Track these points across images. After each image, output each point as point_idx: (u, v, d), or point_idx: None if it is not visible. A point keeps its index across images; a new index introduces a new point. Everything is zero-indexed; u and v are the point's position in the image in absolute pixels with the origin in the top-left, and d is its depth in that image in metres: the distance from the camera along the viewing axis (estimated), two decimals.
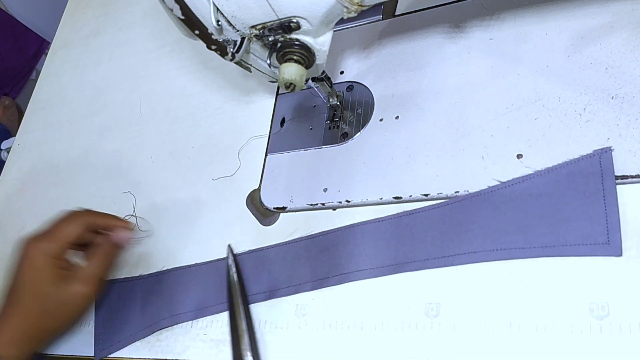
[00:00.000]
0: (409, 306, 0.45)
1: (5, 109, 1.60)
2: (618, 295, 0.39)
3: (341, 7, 0.40)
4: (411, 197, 0.48)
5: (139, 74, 0.76)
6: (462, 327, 0.42)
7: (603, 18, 0.48)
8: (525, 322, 0.40)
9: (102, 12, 0.88)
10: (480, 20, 0.54)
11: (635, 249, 0.39)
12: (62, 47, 0.88)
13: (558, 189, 0.42)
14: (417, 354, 0.43)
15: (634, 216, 0.40)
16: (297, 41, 0.43)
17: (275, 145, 0.59)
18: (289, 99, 0.61)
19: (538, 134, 0.46)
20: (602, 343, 0.38)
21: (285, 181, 0.56)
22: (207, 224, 0.58)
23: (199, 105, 0.68)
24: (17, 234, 0.72)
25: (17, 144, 0.81)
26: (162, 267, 0.57)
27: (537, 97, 0.47)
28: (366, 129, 0.54)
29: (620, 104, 0.44)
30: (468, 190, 0.46)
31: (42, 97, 0.84)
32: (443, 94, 0.52)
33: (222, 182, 0.60)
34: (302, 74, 0.44)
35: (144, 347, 0.54)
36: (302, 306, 0.49)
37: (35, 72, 1.73)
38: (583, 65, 0.47)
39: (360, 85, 0.57)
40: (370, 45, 0.59)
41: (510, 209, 0.43)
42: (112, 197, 0.67)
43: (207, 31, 0.43)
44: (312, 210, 0.53)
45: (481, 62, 0.52)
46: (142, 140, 0.69)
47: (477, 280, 0.43)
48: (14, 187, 0.77)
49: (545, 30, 0.50)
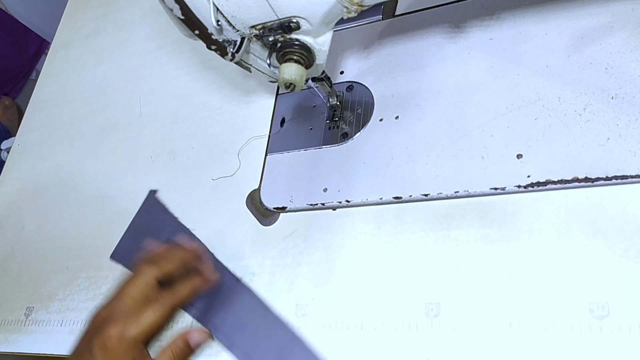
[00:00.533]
0: (409, 306, 0.45)
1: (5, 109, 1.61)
2: (618, 295, 0.39)
3: (341, 7, 0.40)
4: (411, 197, 0.49)
5: (139, 74, 0.76)
6: (462, 327, 0.42)
7: (603, 18, 0.48)
8: (525, 322, 0.40)
9: (102, 12, 0.88)
10: (480, 20, 0.54)
11: (635, 249, 0.39)
12: (62, 47, 0.88)
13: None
14: (417, 354, 0.43)
15: (634, 216, 0.40)
16: (297, 41, 0.43)
17: (275, 145, 0.59)
18: (289, 99, 0.61)
19: (538, 134, 0.46)
20: (602, 343, 0.38)
21: (285, 181, 0.56)
22: (207, 224, 0.58)
23: (199, 105, 0.68)
24: (17, 234, 0.72)
25: (17, 144, 0.82)
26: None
27: (537, 97, 0.47)
28: (366, 129, 0.54)
29: (620, 104, 0.44)
30: (468, 191, 0.46)
31: (42, 97, 0.84)
32: (443, 94, 0.52)
33: (222, 182, 0.60)
34: (302, 74, 0.44)
35: None
36: (302, 306, 0.49)
37: (35, 72, 1.73)
38: (583, 65, 0.47)
39: (360, 85, 0.57)
40: (370, 45, 0.59)
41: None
42: (112, 196, 0.67)
43: (207, 31, 0.42)
44: (312, 210, 0.53)
45: (481, 62, 0.52)
46: (142, 140, 0.69)
47: (477, 280, 0.43)
48: (14, 187, 0.77)
49: (545, 30, 0.50)
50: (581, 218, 0.42)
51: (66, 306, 0.62)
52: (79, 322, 0.59)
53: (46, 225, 0.70)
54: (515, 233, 0.44)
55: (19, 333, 0.63)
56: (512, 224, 0.44)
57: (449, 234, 0.46)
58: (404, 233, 0.48)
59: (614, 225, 0.41)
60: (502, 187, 0.45)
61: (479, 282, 0.43)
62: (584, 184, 0.42)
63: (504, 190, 0.45)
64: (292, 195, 0.54)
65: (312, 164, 0.55)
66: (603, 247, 0.40)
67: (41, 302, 0.64)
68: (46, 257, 0.67)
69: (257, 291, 0.51)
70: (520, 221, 0.44)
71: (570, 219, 0.42)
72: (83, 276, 0.63)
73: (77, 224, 0.67)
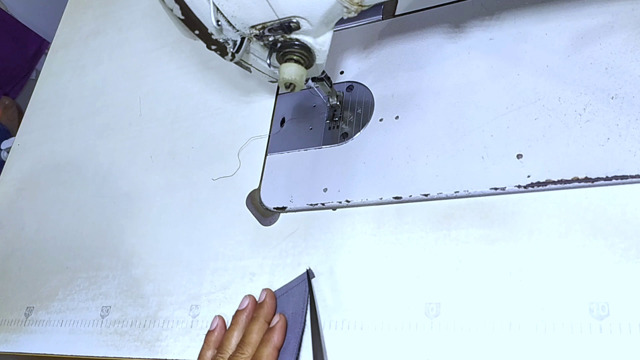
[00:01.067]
0: (409, 306, 0.45)
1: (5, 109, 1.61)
2: (618, 295, 0.39)
3: (341, 7, 0.40)
4: (411, 197, 0.49)
5: (139, 74, 0.76)
6: (462, 327, 0.42)
7: (603, 18, 0.48)
8: (525, 322, 0.40)
9: (102, 12, 0.88)
10: (480, 20, 0.54)
11: (635, 249, 0.39)
12: (62, 47, 0.88)
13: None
14: (417, 354, 0.43)
15: (634, 216, 0.40)
16: (297, 41, 0.43)
17: (275, 145, 0.59)
18: (289, 99, 0.61)
19: (538, 134, 0.46)
20: (602, 343, 0.38)
21: (285, 181, 0.56)
22: (207, 224, 0.58)
23: (199, 105, 0.68)
24: (17, 234, 0.72)
25: (17, 144, 0.82)
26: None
27: (537, 97, 0.47)
28: (366, 129, 0.54)
29: (620, 104, 0.44)
30: (468, 191, 0.46)
31: (42, 97, 0.84)
32: (443, 94, 0.52)
33: (222, 182, 0.60)
34: (302, 74, 0.44)
35: (144, 347, 0.54)
36: None
37: (35, 72, 1.73)
38: (583, 65, 0.47)
39: (360, 85, 0.57)
40: (370, 45, 0.59)
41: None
42: (112, 196, 0.67)
43: (207, 31, 0.42)
44: (312, 210, 0.53)
45: (481, 62, 0.52)
46: (142, 140, 0.69)
47: (477, 280, 0.43)
48: (14, 187, 0.77)
49: (545, 30, 0.50)
50: (581, 218, 0.42)
51: (66, 306, 0.62)
52: (79, 322, 0.59)
53: (46, 225, 0.70)
54: (515, 233, 0.44)
55: (19, 333, 0.63)
56: (512, 224, 0.44)
57: (449, 234, 0.46)
58: (404, 233, 0.48)
59: (614, 225, 0.41)
60: (502, 187, 0.45)
61: (479, 282, 0.43)
62: (584, 184, 0.42)
63: (504, 190, 0.45)
64: (292, 195, 0.54)
65: (312, 164, 0.55)
66: (603, 247, 0.40)
67: (41, 302, 0.64)
68: (46, 257, 0.67)
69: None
70: (520, 221, 0.44)
71: (570, 219, 0.42)
72: (83, 276, 0.63)
73: (77, 224, 0.67)
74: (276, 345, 0.46)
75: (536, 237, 0.43)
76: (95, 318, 0.59)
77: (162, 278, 0.57)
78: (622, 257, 0.39)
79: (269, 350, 0.45)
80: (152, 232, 0.61)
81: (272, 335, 0.46)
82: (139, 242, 0.61)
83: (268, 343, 0.46)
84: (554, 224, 0.43)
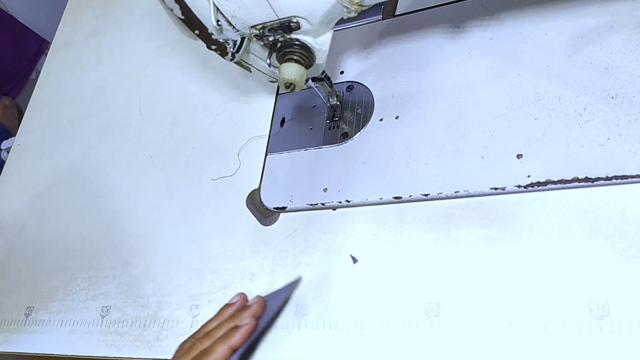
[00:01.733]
0: (409, 306, 0.45)
1: (5, 109, 1.60)
2: (618, 295, 0.39)
3: (341, 7, 0.40)
4: (411, 197, 0.49)
5: (139, 74, 0.76)
6: (462, 327, 0.42)
7: (603, 18, 0.48)
8: (525, 322, 0.40)
9: (102, 12, 0.88)
10: (480, 20, 0.54)
11: (635, 249, 0.39)
12: (62, 47, 0.88)
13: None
14: (417, 354, 0.43)
15: (634, 216, 0.40)
16: (297, 41, 0.43)
17: (275, 145, 0.59)
18: (289, 99, 0.61)
19: (538, 134, 0.46)
20: (602, 343, 0.38)
21: (285, 181, 0.56)
22: (207, 224, 0.58)
23: (199, 105, 0.68)
24: (17, 234, 0.72)
25: (17, 144, 0.82)
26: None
27: (537, 97, 0.47)
28: (366, 129, 0.54)
29: (620, 104, 0.44)
30: (468, 191, 0.46)
31: (42, 97, 0.84)
32: (443, 94, 0.52)
33: (222, 182, 0.60)
34: (302, 74, 0.44)
35: (144, 347, 0.54)
36: (303, 306, 0.49)
37: (35, 72, 1.73)
38: (583, 65, 0.47)
39: (360, 85, 0.57)
40: (370, 45, 0.59)
41: None
42: (112, 196, 0.67)
43: (207, 31, 0.42)
44: (312, 210, 0.53)
45: (481, 62, 0.52)
46: (142, 140, 0.69)
47: (477, 280, 0.43)
48: (14, 187, 0.77)
49: (545, 30, 0.50)
50: (581, 218, 0.42)
51: (66, 306, 0.62)
52: (79, 322, 0.59)
53: (46, 225, 0.70)
54: (515, 233, 0.44)
55: (19, 333, 0.63)
56: (512, 224, 0.44)
57: (449, 234, 0.46)
58: (404, 233, 0.48)
59: (614, 225, 0.41)
60: (502, 187, 0.45)
61: (479, 282, 0.43)
62: (584, 184, 0.42)
63: (504, 190, 0.45)
64: (292, 195, 0.54)
65: (312, 164, 0.55)
66: (603, 247, 0.40)
67: (41, 302, 0.64)
68: (46, 257, 0.67)
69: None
70: (520, 221, 0.44)
71: (570, 219, 0.42)
72: (83, 276, 0.63)
73: (77, 224, 0.67)
74: (232, 345, 0.45)
75: (536, 237, 0.43)
76: (95, 318, 0.59)
77: (162, 278, 0.57)
78: (622, 257, 0.39)
79: (223, 348, 0.45)
80: (152, 232, 0.61)
81: (233, 334, 0.46)
82: (139, 242, 0.61)
83: (226, 340, 0.45)
84: (554, 224, 0.43)
